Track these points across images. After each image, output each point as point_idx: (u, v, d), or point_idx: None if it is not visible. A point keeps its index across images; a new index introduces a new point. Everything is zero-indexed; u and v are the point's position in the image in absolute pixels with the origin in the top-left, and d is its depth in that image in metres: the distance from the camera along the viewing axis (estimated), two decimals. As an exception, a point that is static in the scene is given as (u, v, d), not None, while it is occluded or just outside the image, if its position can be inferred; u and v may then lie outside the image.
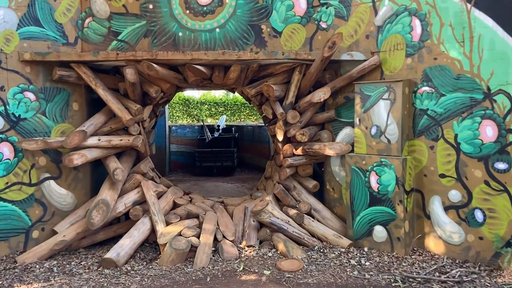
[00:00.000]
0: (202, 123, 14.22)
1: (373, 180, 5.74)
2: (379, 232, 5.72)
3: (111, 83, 6.38)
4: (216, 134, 14.42)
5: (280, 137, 6.42)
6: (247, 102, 22.80)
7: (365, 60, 6.02)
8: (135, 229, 5.65)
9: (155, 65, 5.73)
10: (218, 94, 25.97)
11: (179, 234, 5.53)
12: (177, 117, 21.41)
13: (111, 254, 5.13)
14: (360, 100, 5.94)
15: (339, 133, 6.48)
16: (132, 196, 6.09)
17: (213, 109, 22.66)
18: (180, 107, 21.85)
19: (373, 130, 5.82)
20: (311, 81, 6.21)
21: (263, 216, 5.94)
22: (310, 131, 6.36)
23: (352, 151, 6.12)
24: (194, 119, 21.55)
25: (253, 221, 6.15)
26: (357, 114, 5.98)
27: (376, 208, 5.73)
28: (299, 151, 6.49)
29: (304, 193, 6.57)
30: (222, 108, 22.58)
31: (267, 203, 6.15)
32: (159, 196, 6.43)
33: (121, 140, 6.18)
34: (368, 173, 5.78)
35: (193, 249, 5.38)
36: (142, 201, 6.13)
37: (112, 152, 6.27)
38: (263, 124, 16.64)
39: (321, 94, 6.02)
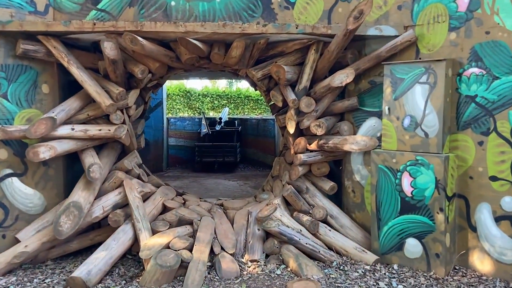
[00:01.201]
0: (202, 115, 13.23)
1: (406, 183, 4.67)
2: (413, 247, 4.66)
3: (89, 62, 5.32)
4: (217, 127, 13.39)
5: (291, 129, 5.35)
6: (251, 95, 22.11)
7: (396, 36, 4.94)
8: (113, 239, 4.61)
9: (140, 39, 4.67)
10: (221, 86, 25.01)
11: (167, 246, 4.49)
12: (177, 110, 20.45)
13: (80, 272, 4.09)
14: (390, 85, 4.86)
15: (362, 125, 5.39)
16: (112, 197, 5.04)
17: (215, 102, 21.74)
18: (181, 99, 20.91)
19: (406, 121, 4.74)
20: (330, 61, 5.12)
21: (270, 224, 4.89)
22: (327, 122, 5.28)
23: (379, 146, 5.05)
24: (195, 111, 20.58)
25: (258, 229, 5.10)
26: (386, 102, 4.90)
27: (409, 217, 4.67)
28: (313, 146, 5.42)
29: (318, 196, 5.50)
30: (225, 101, 21.66)
31: (275, 208, 5.09)
32: (146, 198, 5.39)
33: (100, 130, 5.13)
34: (399, 173, 4.71)
35: (184, 264, 4.35)
36: (124, 204, 5.09)
37: (89, 145, 5.22)
38: (269, 117, 15.71)
39: (342, 77, 4.94)
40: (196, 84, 28.32)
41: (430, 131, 4.57)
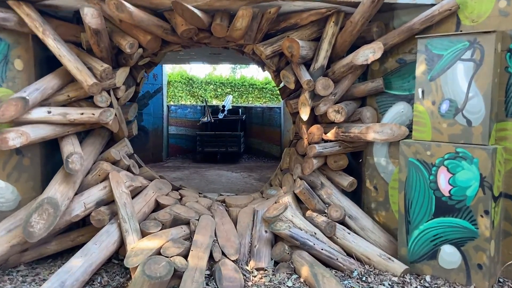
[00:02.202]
0: (204, 103, 12.52)
1: (443, 180, 3.92)
2: (449, 255, 3.93)
3: (70, 34, 4.56)
4: (220, 116, 12.66)
5: (305, 115, 4.60)
6: (256, 83, 21.31)
7: (433, 5, 4.15)
8: (94, 242, 3.89)
9: (127, 4, 3.90)
10: (225, 73, 24.22)
11: (158, 252, 3.78)
12: (179, 97, 19.72)
13: (51, 284, 3.38)
14: (425, 63, 4.08)
15: (388, 111, 4.63)
16: (96, 193, 4.32)
17: (219, 90, 21.01)
18: (183, 87, 20.18)
19: (444, 106, 3.97)
20: (352, 35, 4.35)
21: (280, 226, 4.16)
22: (347, 108, 4.52)
23: (409, 136, 4.29)
24: (198, 99, 19.85)
25: (265, 231, 4.38)
26: (419, 83, 4.13)
27: (445, 220, 3.93)
28: (330, 136, 4.67)
29: (335, 193, 4.76)
30: (229, 89, 20.91)
31: (285, 207, 4.36)
32: (136, 193, 4.66)
33: (82, 114, 4.40)
34: (434, 169, 3.96)
35: (178, 273, 3.64)
36: (110, 201, 4.37)
37: (71, 131, 4.49)
38: (274, 106, 14.94)
39: (368, 53, 4.16)
40: (199, 71, 27.60)
41: (474, 118, 3.81)
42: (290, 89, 5.16)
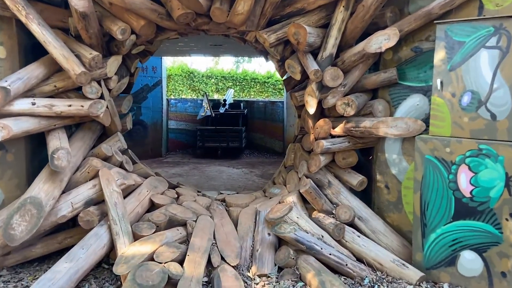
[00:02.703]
0: (204, 96, 12.18)
1: (464, 179, 3.57)
2: (470, 262, 3.59)
3: (57, 19, 4.20)
4: (221, 110, 12.31)
5: (311, 108, 4.24)
6: (258, 77, 20.93)
7: (454, -13, 3.78)
8: (81, 247, 3.56)
9: (117, -15, 3.54)
10: (226, 67, 23.85)
11: (151, 257, 3.45)
12: (180, 91, 19.38)
13: (31, 294, 3.06)
14: (444, 51, 3.71)
15: (402, 103, 4.27)
16: (85, 191, 3.98)
17: (220, 84, 20.70)
18: (184, 81, 19.85)
19: (466, 99, 3.61)
20: (364, 21, 3.98)
21: (284, 229, 3.82)
22: (358, 100, 4.16)
23: (426, 131, 3.93)
24: (198, 93, 19.51)
25: (268, 234, 4.04)
26: (437, 73, 3.76)
27: (466, 224, 3.58)
28: (338, 131, 4.32)
29: (343, 193, 4.41)
30: (230, 83, 20.59)
31: (290, 208, 4.02)
32: (129, 192, 4.33)
33: (70, 106, 4.05)
34: (454, 167, 3.61)
35: (173, 281, 3.31)
36: (100, 200, 4.03)
37: (58, 124, 4.15)
38: (277, 100, 14.58)
39: (382, 40, 3.80)
40: (200, 65, 27.27)
41: (499, 112, 3.45)
42: (295, 80, 4.82)
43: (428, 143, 3.75)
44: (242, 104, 13.64)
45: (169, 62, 22.57)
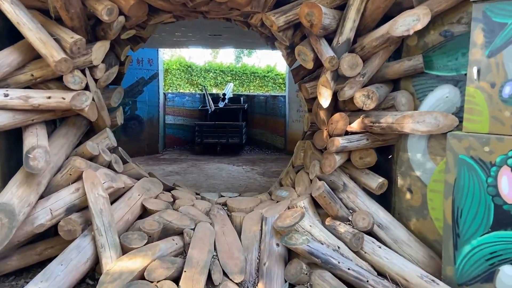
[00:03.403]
0: (203, 91, 11.69)
1: (506, 183, 3.06)
2: (511, 278, 3.09)
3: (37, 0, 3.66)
4: (221, 104, 11.79)
5: (325, 100, 3.72)
6: (257, 71, 20.39)
7: (493, -40, 3.25)
8: (60, 262, 3.05)
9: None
10: (225, 61, 23.30)
11: (142, 275, 2.95)
12: (177, 86, 18.84)
13: (-4, 322, 2.56)
14: (482, 34, 3.19)
15: (428, 96, 3.75)
16: (66, 196, 3.47)
17: (219, 78, 20.20)
18: (182, 74, 19.31)
19: (508, 90, 3.09)
20: (386, 1, 3.46)
21: (296, 240, 3.32)
22: (379, 92, 3.64)
23: (458, 127, 3.42)
24: (197, 88, 18.99)
25: (277, 244, 3.53)
26: (473, 61, 3.24)
27: (508, 235, 3.08)
28: (356, 126, 3.81)
29: (361, 197, 3.91)
30: (229, 77, 20.08)
31: (302, 215, 3.51)
32: (118, 196, 3.82)
33: (49, 98, 3.52)
34: (495, 169, 3.10)
35: (167, 302, 2.81)
36: (84, 206, 3.52)
37: (36, 119, 3.63)
38: (278, 94, 14.05)
39: (410, 21, 3.28)
40: (198, 58, 26.75)
41: (549, 105, 2.94)
42: (304, 70, 4.32)
43: (463, 141, 3.24)
44: (242, 98, 13.15)
45: (166, 56, 22.06)
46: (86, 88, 3.76)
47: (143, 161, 10.12)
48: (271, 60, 30.23)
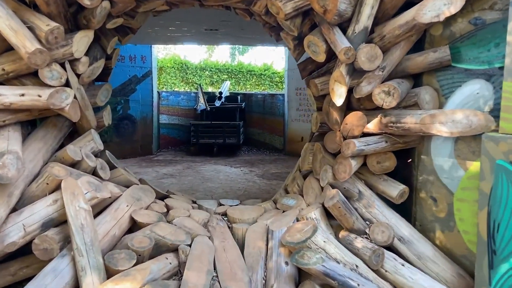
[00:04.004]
0: (199, 89, 11.24)
1: (554, 193, 2.64)
2: (559, 303, 2.66)
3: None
4: (217, 103, 11.34)
5: (339, 98, 3.27)
6: (254, 70, 19.94)
7: None
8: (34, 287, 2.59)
9: None
10: (221, 59, 22.84)
11: (129, 304, 2.49)
12: (172, 84, 18.37)
13: None
14: (524, 20, 2.76)
15: (456, 92, 3.31)
16: (42, 209, 3.00)
17: (214, 76, 19.78)
18: (176, 73, 18.85)
19: (555, 85, 2.67)
20: (410, -17, 3.02)
21: (308, 259, 2.87)
22: (401, 88, 3.20)
23: (495, 129, 2.99)
24: (192, 86, 18.53)
25: (286, 263, 3.08)
26: (512, 51, 2.82)
27: (555, 253, 2.66)
28: (373, 127, 3.37)
29: (379, 206, 3.47)
30: (225, 75, 19.66)
31: (314, 229, 3.06)
32: (103, 207, 3.35)
33: (22, 95, 3.05)
34: (540, 176, 2.68)
35: (159, 336, 2.35)
36: (63, 221, 3.05)
37: (8, 120, 3.15)
38: (276, 93, 13.61)
39: (441, 5, 2.84)
40: (194, 57, 26.33)
41: None
42: (312, 65, 3.88)
43: (501, 144, 2.81)
44: (239, 97, 12.71)
45: (160, 55, 21.58)
46: (67, 84, 3.30)
47: (136, 162, 9.66)
48: (267, 58, 29.76)
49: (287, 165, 9.54)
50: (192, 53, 27.69)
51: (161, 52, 23.35)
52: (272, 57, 25.30)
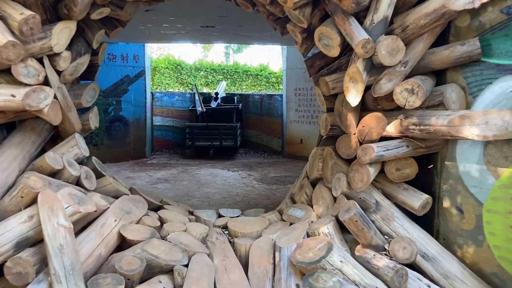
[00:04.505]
0: (194, 90, 10.84)
1: None
2: None
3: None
4: (213, 104, 10.95)
5: (354, 97, 2.90)
6: (250, 70, 19.56)
7: None
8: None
9: None
10: (216, 60, 22.48)
11: None
12: (166, 85, 17.97)
13: None
14: None
15: (485, 90, 2.94)
16: (15, 227, 2.58)
17: (209, 77, 19.41)
18: (171, 73, 18.45)
19: None
20: (437, -33, 2.65)
21: (324, 283, 2.49)
22: (426, 86, 2.83)
23: (534, 131, 2.63)
24: (187, 87, 18.13)
25: (297, 285, 2.69)
26: (557, 43, 2.46)
27: None
28: (392, 130, 2.99)
29: (399, 219, 3.09)
30: (221, 76, 19.30)
31: (330, 247, 2.68)
32: (87, 222, 2.94)
33: (-8, 95, 2.65)
34: None
35: None
36: (40, 239, 2.64)
37: (-23, 124, 2.75)
38: (274, 93, 13.22)
39: (476, -11, 2.47)
40: (188, 57, 25.98)
41: None
42: (321, 61, 3.50)
43: (545, 150, 2.45)
44: (235, 98, 12.33)
45: (154, 55, 21.17)
46: (46, 82, 2.90)
47: (128, 166, 9.25)
48: (263, 58, 29.43)
49: (287, 168, 9.18)
50: (187, 53, 27.31)
51: (155, 52, 22.99)
52: (268, 57, 24.95)
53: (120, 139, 9.81)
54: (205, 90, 18.07)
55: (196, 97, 10.13)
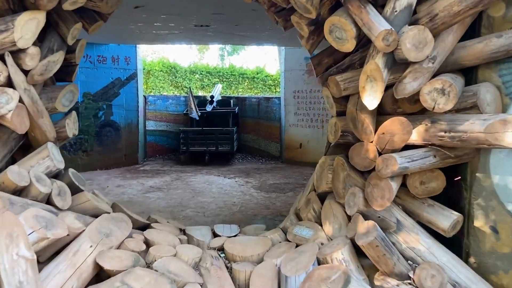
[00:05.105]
0: (189, 93, 10.40)
1: None
2: None
3: None
4: (209, 108, 10.53)
5: (373, 98, 2.46)
6: (246, 73, 19.15)
7: None
8: None
9: None
10: (212, 62, 22.04)
11: None
12: (160, 88, 17.53)
13: None
14: None
15: (526, 90, 2.53)
16: (-35, 259, 2.12)
17: (205, 80, 19.02)
18: (165, 76, 18.04)
19: None
20: None
21: (342, 326, 2.03)
22: (458, 85, 2.40)
23: None
24: (181, 90, 17.71)
25: (308, 325, 2.24)
26: None
27: None
28: (416, 137, 2.55)
29: (424, 241, 2.65)
30: (216, 79, 18.90)
31: (346, 278, 2.23)
32: (57, 249, 2.48)
33: None
34: None
35: None
36: (-3, 273, 2.18)
37: None
38: (272, 96, 12.79)
39: (526, -33, 2.04)
40: (183, 59, 25.57)
41: None
42: (329, 58, 3.06)
43: None
44: (232, 101, 11.93)
45: (149, 58, 20.74)
46: (9, 84, 2.44)
47: (120, 174, 8.79)
48: (259, 61, 28.99)
49: (286, 175, 8.75)
50: (182, 56, 26.88)
51: (150, 56, 22.59)
52: (265, 60, 24.54)
53: (111, 145, 9.37)
54: (200, 93, 17.66)
55: (192, 104, 9.66)
